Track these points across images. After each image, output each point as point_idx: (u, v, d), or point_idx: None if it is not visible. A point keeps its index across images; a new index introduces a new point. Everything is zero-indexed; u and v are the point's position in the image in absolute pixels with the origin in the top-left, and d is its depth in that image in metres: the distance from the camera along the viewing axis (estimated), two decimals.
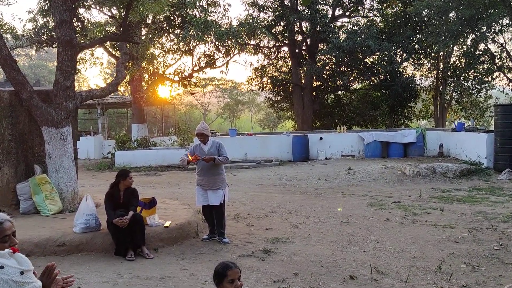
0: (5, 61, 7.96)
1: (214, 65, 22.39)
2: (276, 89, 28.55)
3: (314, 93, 27.61)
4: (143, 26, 19.82)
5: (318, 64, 24.66)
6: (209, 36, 19.91)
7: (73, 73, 8.47)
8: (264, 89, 28.61)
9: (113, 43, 18.99)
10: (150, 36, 18.71)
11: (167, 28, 20.97)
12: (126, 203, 6.66)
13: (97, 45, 14.43)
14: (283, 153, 19.18)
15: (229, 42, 20.37)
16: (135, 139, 21.49)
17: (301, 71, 26.94)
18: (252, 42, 24.63)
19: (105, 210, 6.58)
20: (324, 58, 24.80)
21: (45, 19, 19.21)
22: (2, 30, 12.99)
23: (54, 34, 19.69)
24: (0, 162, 8.34)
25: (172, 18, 21.05)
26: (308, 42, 26.69)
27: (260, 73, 28.03)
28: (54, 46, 21.55)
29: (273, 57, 28.66)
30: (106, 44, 19.97)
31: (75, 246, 6.51)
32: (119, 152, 19.94)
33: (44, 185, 8.09)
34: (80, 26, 18.93)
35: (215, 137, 19.67)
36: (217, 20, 21.31)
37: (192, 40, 20.22)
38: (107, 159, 22.44)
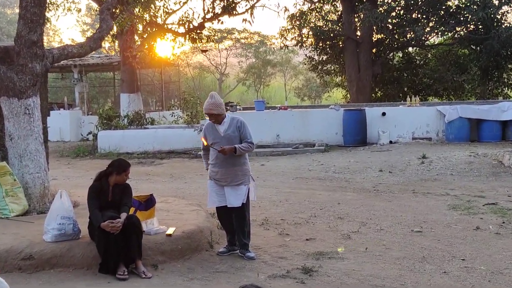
0: None
1: (234, 11, 22.32)
2: (320, 44, 28.33)
3: (374, 51, 27.27)
4: None
5: (381, 9, 24.34)
6: None
7: (42, 23, 8.56)
8: (304, 45, 28.43)
9: None
10: None
11: None
12: (116, 202, 6.76)
13: None
14: (330, 135, 19.11)
15: None
16: (125, 115, 21.74)
17: (356, 20, 26.62)
18: None
19: (89, 210, 6.70)
20: (389, 1, 24.43)
21: None
22: None
23: None
24: None
25: None
26: None
27: (298, 23, 27.83)
28: None
29: (316, 0, 28.41)
30: None
31: (46, 260, 6.66)
32: (104, 132, 20.22)
33: (4, 176, 8.27)
34: None
35: (235, 111, 19.74)
36: None
37: None
38: (87, 141, 22.81)
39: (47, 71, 9.01)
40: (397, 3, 24.70)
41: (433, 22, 24.86)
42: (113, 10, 12.29)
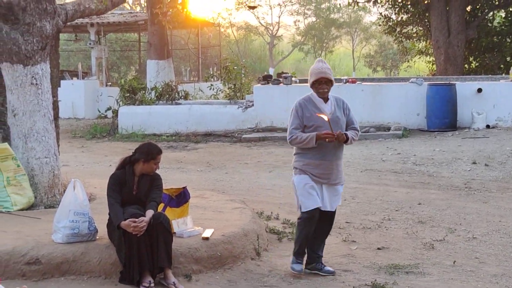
0: None
1: None
2: (400, 0, 28.01)
3: (468, 9, 26.79)
4: None
5: None
6: None
7: None
8: (379, 1, 28.15)
9: None
10: None
11: None
12: (142, 196, 6.83)
13: None
14: (410, 116, 18.95)
15: None
16: (152, 86, 21.93)
17: None
18: None
19: (108, 205, 6.78)
20: None
21: None
22: None
23: None
24: None
25: None
26: None
27: None
28: None
29: None
30: None
31: (56, 265, 6.76)
32: (126, 108, 20.45)
33: (5, 161, 8.43)
34: None
35: (290, 84, 19.74)
36: None
37: None
38: (105, 119, 23.11)
39: (59, 31, 9.13)
40: None
41: None
42: None
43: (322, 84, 7.03)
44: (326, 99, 7.11)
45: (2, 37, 8.36)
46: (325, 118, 6.87)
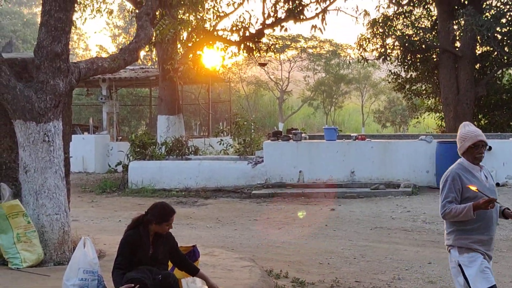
0: None
1: (302, 16, 22.46)
2: (409, 58, 28.21)
3: (477, 67, 26.94)
4: None
5: (487, 14, 24.12)
6: None
7: (68, 31, 8.81)
8: (388, 58, 28.35)
9: None
10: None
11: None
12: (158, 256, 6.79)
13: None
14: (420, 173, 18.95)
15: None
16: (162, 141, 22.02)
17: (456, 27, 26.41)
18: None
19: (114, 265, 6.75)
20: (499, 4, 24.19)
21: None
22: None
23: None
24: None
25: None
26: None
27: (381, 30, 27.82)
28: None
29: (404, 2, 28.38)
30: None
31: None
32: (136, 162, 20.51)
33: (16, 217, 8.46)
34: None
35: (299, 140, 19.80)
36: None
37: None
38: (115, 173, 23.17)
39: (72, 89, 9.23)
40: (508, 7, 24.42)
41: None
42: (154, 15, 12.57)
43: (479, 148, 6.37)
44: (480, 167, 6.48)
45: (16, 95, 8.46)
46: (474, 188, 6.15)
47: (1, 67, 8.47)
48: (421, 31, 27.98)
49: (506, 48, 26.02)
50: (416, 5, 28.68)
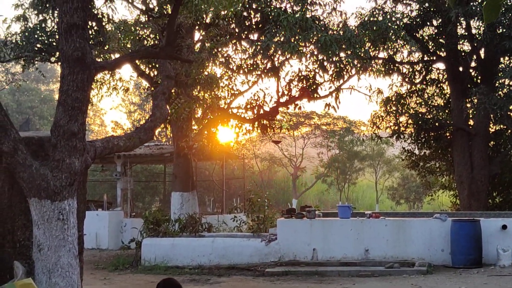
0: None
1: (316, 95, 22.67)
2: (422, 135, 28.26)
3: (491, 145, 26.93)
4: (197, 29, 20.61)
5: (500, 93, 24.23)
6: (308, 44, 20.29)
7: (85, 110, 8.93)
8: (402, 136, 28.41)
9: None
10: (208, 45, 19.43)
11: (237, 31, 21.67)
12: None
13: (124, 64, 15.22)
14: (434, 252, 18.77)
15: (342, 54, 20.60)
16: (176, 218, 22.01)
17: (469, 106, 26.52)
18: (382, 54, 24.80)
19: None
20: (511, 83, 24.31)
21: (40, 17, 20.62)
22: None
23: (53, 42, 21.10)
24: None
25: (245, 14, 21.81)
26: (481, 55, 26.42)
27: (394, 108, 27.98)
28: (52, 61, 23.07)
29: (417, 81, 28.60)
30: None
31: None
32: (150, 239, 20.45)
33: None
34: (96, 29, 20.17)
35: (313, 218, 19.74)
36: (322, 18, 21.75)
37: (279, 52, 20.70)
38: (128, 250, 23.08)
39: (88, 167, 9.31)
40: None
41: None
42: (169, 94, 12.73)
43: None
44: None
45: (32, 173, 8.53)
46: None
47: (18, 146, 8.58)
48: (434, 109, 28.13)
49: None
50: (429, 83, 28.88)
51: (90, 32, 14.08)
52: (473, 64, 27.12)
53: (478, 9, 23.75)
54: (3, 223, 8.92)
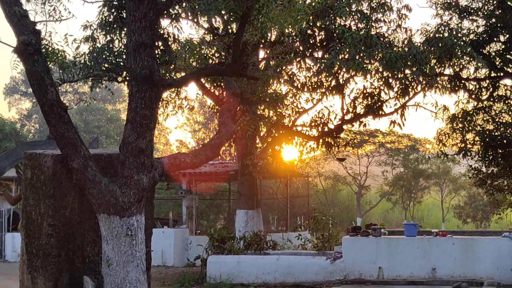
0: (51, 108, 8.76)
1: (381, 112, 22.52)
2: (490, 153, 27.78)
3: None
4: (261, 47, 20.69)
5: None
6: (373, 61, 20.20)
7: (152, 127, 9.05)
8: (468, 153, 27.99)
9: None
10: (273, 63, 19.49)
11: (302, 49, 21.71)
12: None
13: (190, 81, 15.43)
14: (504, 271, 18.34)
15: (408, 71, 20.43)
16: (241, 236, 22.04)
17: None
18: (448, 71, 24.52)
19: None
20: None
21: (108, 38, 20.97)
22: (49, 59, 14.39)
23: (121, 62, 21.42)
24: (34, 269, 8.99)
25: (310, 32, 21.82)
26: None
27: (461, 125, 27.59)
28: (119, 81, 23.42)
29: (484, 97, 28.18)
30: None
31: None
32: (215, 257, 20.50)
33: None
34: (162, 48, 20.44)
35: (379, 236, 19.55)
36: (387, 35, 21.63)
37: (344, 69, 20.65)
38: (193, 267, 23.19)
39: (155, 184, 9.41)
40: None
41: None
42: (235, 112, 12.81)
43: None
44: None
45: (101, 189, 8.66)
46: None
47: (88, 162, 8.73)
48: (502, 126, 27.62)
49: None
50: (496, 100, 28.40)
51: (156, 51, 14.28)
52: None
53: None
54: (73, 239, 9.07)
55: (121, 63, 21.28)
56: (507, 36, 25.64)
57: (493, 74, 27.35)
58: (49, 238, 8.92)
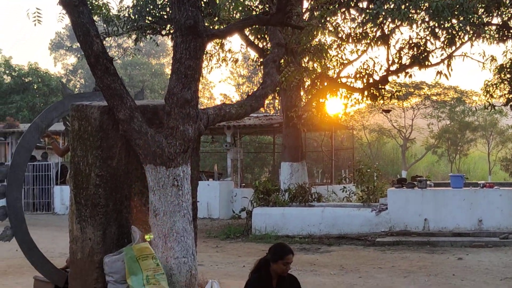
0: (97, 60, 8.78)
1: (427, 62, 22.22)
2: None
3: None
4: None
5: None
6: (419, 11, 19.88)
7: (197, 78, 9.03)
8: None
9: (257, 27, 19.92)
10: (318, 14, 19.29)
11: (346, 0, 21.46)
12: None
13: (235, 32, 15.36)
14: None
15: (454, 21, 20.09)
16: (286, 188, 22.13)
17: None
18: (495, 20, 24.05)
19: None
20: None
21: None
22: (93, 12, 14.43)
23: (164, 15, 21.47)
24: (82, 219, 9.12)
25: None
26: None
27: (508, 76, 27.15)
28: (163, 33, 23.49)
29: None
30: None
31: None
32: (260, 209, 20.66)
33: (145, 260, 8.63)
34: (206, 1, 20.36)
35: (424, 188, 19.45)
36: None
37: (389, 19, 20.37)
38: (239, 220, 23.41)
39: (200, 135, 9.41)
40: None
41: None
42: (279, 62, 12.74)
43: None
44: None
45: (147, 140, 8.70)
46: None
47: (134, 113, 8.76)
48: None
49: None
50: None
51: (201, 3, 14.21)
52: None
53: None
54: (120, 189, 9.16)
55: (165, 16, 21.33)
56: None
57: None
58: (97, 189, 9.01)
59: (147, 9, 21.34)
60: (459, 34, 21.06)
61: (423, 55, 22.03)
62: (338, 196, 24.99)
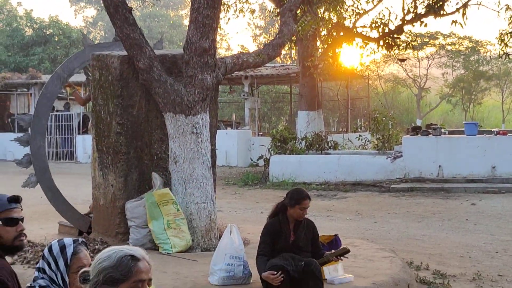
0: (116, 10, 8.76)
1: (442, 11, 21.95)
2: None
3: None
4: None
5: None
6: None
7: (215, 27, 9.00)
8: None
9: None
10: None
11: None
12: (299, 243, 6.85)
13: None
14: None
15: None
16: (302, 136, 22.14)
17: None
18: None
19: (258, 252, 6.84)
20: None
21: None
22: None
23: None
24: (104, 166, 9.21)
25: None
26: None
27: None
28: None
29: None
30: None
31: None
32: (277, 157, 20.71)
33: (166, 205, 8.73)
34: None
35: (439, 135, 19.38)
36: None
37: None
38: (256, 167, 23.51)
39: (218, 83, 9.43)
40: None
41: None
42: (296, 12, 12.63)
43: None
44: None
45: (167, 89, 8.72)
46: None
47: (154, 63, 8.77)
48: None
49: None
50: None
51: None
52: None
53: None
54: (141, 137, 9.22)
55: None
56: None
57: None
58: (118, 136, 9.07)
59: None
60: None
61: (439, 4, 21.74)
62: (354, 144, 24.97)
